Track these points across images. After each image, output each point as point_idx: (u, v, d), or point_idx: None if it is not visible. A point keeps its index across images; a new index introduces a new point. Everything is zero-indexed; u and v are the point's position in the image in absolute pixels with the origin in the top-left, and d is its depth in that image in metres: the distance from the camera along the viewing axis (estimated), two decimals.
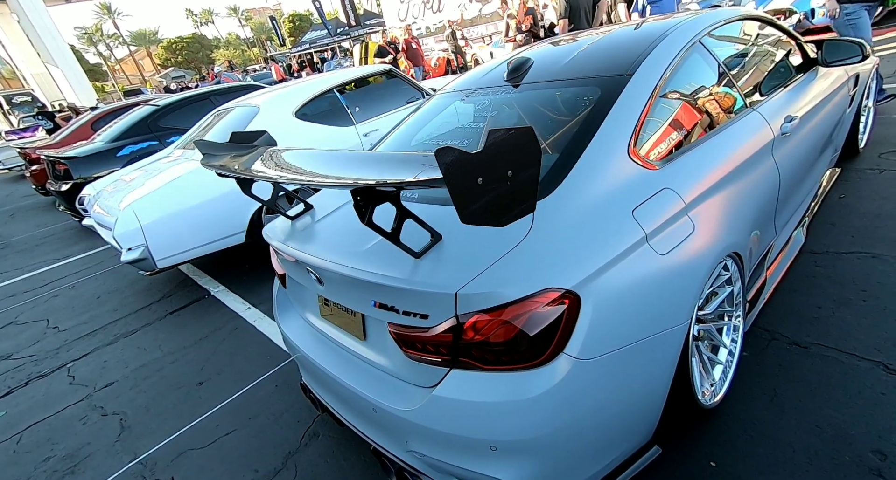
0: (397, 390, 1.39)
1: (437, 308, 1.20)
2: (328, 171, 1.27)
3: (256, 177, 1.42)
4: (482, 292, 1.14)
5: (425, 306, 1.22)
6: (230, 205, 3.40)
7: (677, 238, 1.39)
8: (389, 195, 1.22)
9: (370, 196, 1.18)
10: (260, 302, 3.29)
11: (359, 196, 1.17)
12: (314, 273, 1.52)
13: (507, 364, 1.18)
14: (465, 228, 1.36)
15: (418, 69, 11.31)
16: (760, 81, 2.16)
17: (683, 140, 1.66)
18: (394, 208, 1.23)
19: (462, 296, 1.14)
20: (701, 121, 1.78)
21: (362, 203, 1.18)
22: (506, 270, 1.17)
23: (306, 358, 1.77)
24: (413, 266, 1.28)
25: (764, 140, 1.86)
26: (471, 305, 1.15)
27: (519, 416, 1.16)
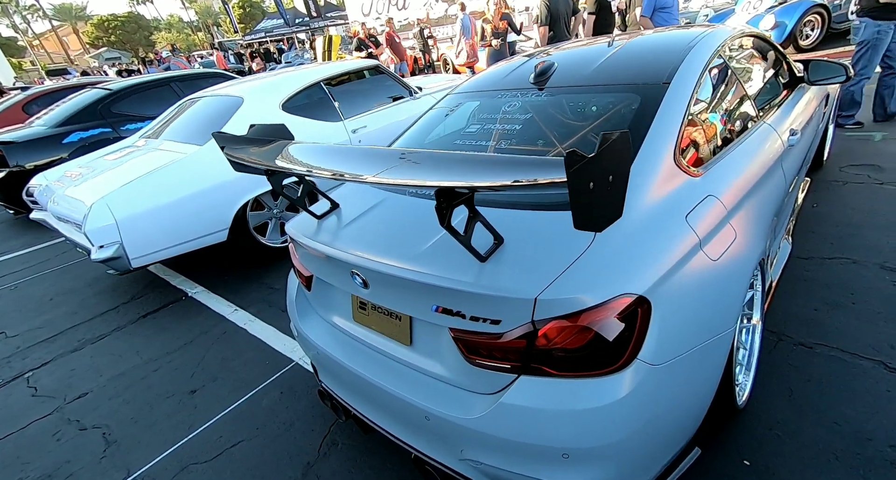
0: (454, 397, 1.35)
1: (511, 313, 1.18)
2: (399, 173, 1.21)
3: (325, 176, 1.32)
4: (562, 298, 1.13)
5: (498, 311, 1.20)
6: (214, 200, 3.19)
7: (724, 244, 1.45)
8: (466, 198, 1.18)
9: (452, 198, 1.14)
10: (248, 304, 3.11)
11: (442, 197, 1.12)
12: (360, 275, 1.45)
13: (582, 370, 1.17)
14: (522, 232, 1.36)
15: (402, 64, 11.05)
16: (766, 95, 2.30)
17: (716, 149, 1.74)
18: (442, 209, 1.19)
19: (541, 302, 1.13)
20: (728, 130, 1.86)
21: (445, 205, 1.13)
22: (580, 276, 1.16)
23: (333, 364, 1.68)
24: (478, 270, 1.25)
25: (778, 151, 1.98)
26: (549, 311, 1.14)
27: (595, 423, 1.16)
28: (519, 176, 0.97)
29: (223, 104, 3.71)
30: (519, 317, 1.17)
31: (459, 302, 1.25)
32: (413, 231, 1.51)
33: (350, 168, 1.29)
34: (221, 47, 25.58)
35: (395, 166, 1.25)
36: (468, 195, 1.18)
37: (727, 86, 1.98)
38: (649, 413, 1.21)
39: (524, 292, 1.14)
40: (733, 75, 2.03)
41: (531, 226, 1.37)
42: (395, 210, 1.68)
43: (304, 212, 1.78)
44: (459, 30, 10.07)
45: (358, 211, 1.73)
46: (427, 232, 1.46)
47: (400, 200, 1.72)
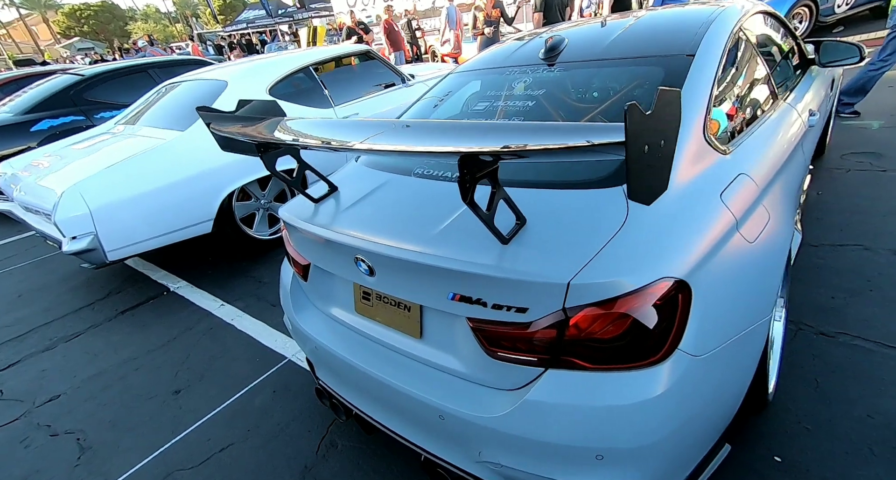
0: (472, 394, 1.23)
1: (539, 300, 1.06)
2: (413, 139, 1.07)
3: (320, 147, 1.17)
4: (597, 282, 1.01)
5: (524, 298, 1.07)
6: (197, 189, 3.00)
7: (759, 225, 1.35)
8: (490, 170, 1.05)
9: (476, 169, 1.01)
10: (235, 299, 2.93)
11: (466, 169, 0.99)
12: (365, 261, 1.31)
13: (619, 362, 1.06)
14: (545, 213, 1.24)
15: (399, 54, 10.76)
16: (782, 74, 2.21)
17: (742, 126, 1.64)
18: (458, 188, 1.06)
19: (574, 287, 1.01)
20: (754, 106, 1.77)
21: (468, 177, 1.00)
22: (615, 258, 1.05)
23: (333, 359, 1.55)
24: (500, 253, 1.13)
25: (800, 131, 1.90)
26: (582, 297, 1.02)
27: (634, 421, 1.05)
28: (559, 139, 0.85)
29: (205, 88, 3.50)
30: (548, 305, 1.05)
31: (480, 289, 1.12)
32: (423, 212, 1.38)
33: (350, 137, 1.15)
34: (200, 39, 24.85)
35: (406, 134, 1.11)
36: (493, 167, 1.05)
37: (749, 62, 1.88)
38: (690, 408, 1.10)
39: (556, 276, 1.02)
40: (754, 51, 1.93)
41: (554, 205, 1.25)
42: (402, 191, 1.55)
43: (301, 195, 1.63)
44: (445, 19, 9.90)
45: (359, 193, 1.59)
46: (439, 213, 1.33)
47: (406, 182, 1.59)
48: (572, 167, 1.39)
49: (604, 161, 1.34)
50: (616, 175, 1.27)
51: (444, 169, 1.55)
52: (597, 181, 1.28)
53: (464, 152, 0.92)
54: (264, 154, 1.44)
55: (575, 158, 0.97)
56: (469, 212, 1.28)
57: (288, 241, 1.73)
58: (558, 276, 1.02)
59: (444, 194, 1.43)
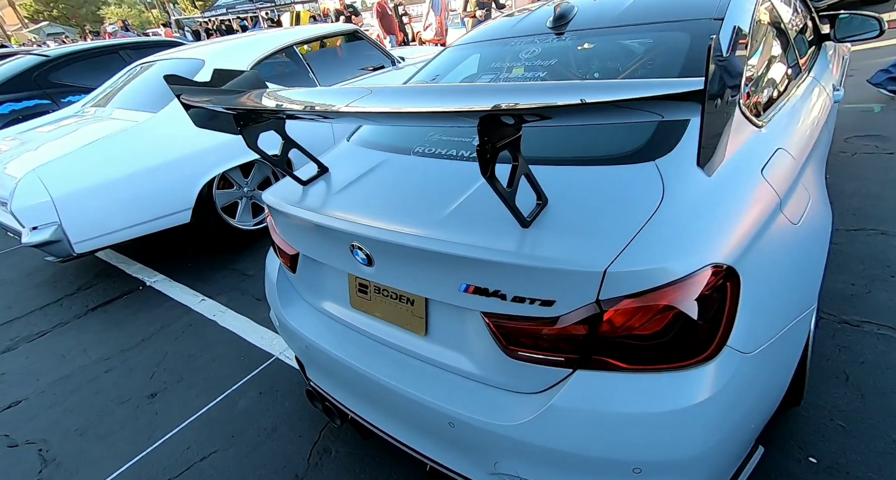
0: (487, 399, 1.09)
1: (569, 291, 0.91)
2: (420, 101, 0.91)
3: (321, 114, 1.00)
4: (638, 270, 0.87)
5: (551, 289, 0.93)
6: (173, 176, 2.77)
7: (801, 205, 1.22)
8: (512, 140, 0.89)
9: (498, 138, 0.85)
10: (217, 293, 2.74)
11: (486, 136, 0.83)
12: (362, 249, 1.15)
13: (660, 362, 0.92)
14: (567, 192, 1.09)
15: (392, 38, 10.45)
16: (803, 47, 2.08)
17: (772, 98, 1.50)
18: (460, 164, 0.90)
19: (611, 276, 0.86)
20: (782, 78, 1.63)
21: (489, 147, 0.83)
22: (654, 242, 0.90)
23: (325, 359, 1.39)
24: (520, 237, 0.98)
25: (827, 106, 1.77)
26: (620, 287, 0.88)
27: (679, 429, 0.91)
28: (622, 93, 0.69)
29: (181, 67, 3.25)
30: (579, 296, 0.91)
31: (498, 280, 0.97)
32: (428, 194, 1.22)
33: (344, 100, 0.98)
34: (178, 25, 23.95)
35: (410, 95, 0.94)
36: (516, 135, 0.89)
37: (776, 31, 1.74)
38: (738, 413, 0.97)
39: (590, 263, 0.87)
40: (779, 20, 1.80)
41: (578, 184, 1.10)
42: (401, 171, 1.38)
43: (288, 176, 1.45)
44: (429, 4, 9.65)
45: (354, 174, 1.42)
46: (446, 194, 1.17)
47: (405, 161, 1.42)
48: (596, 141, 1.24)
49: (633, 133, 1.19)
50: (648, 148, 1.12)
51: (450, 146, 1.39)
52: (625, 156, 1.13)
53: (490, 111, 0.75)
54: (244, 129, 1.26)
55: (623, 119, 0.81)
56: (481, 193, 1.13)
57: (273, 229, 1.56)
58: (592, 263, 0.87)
59: (451, 173, 1.28)
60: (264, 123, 1.30)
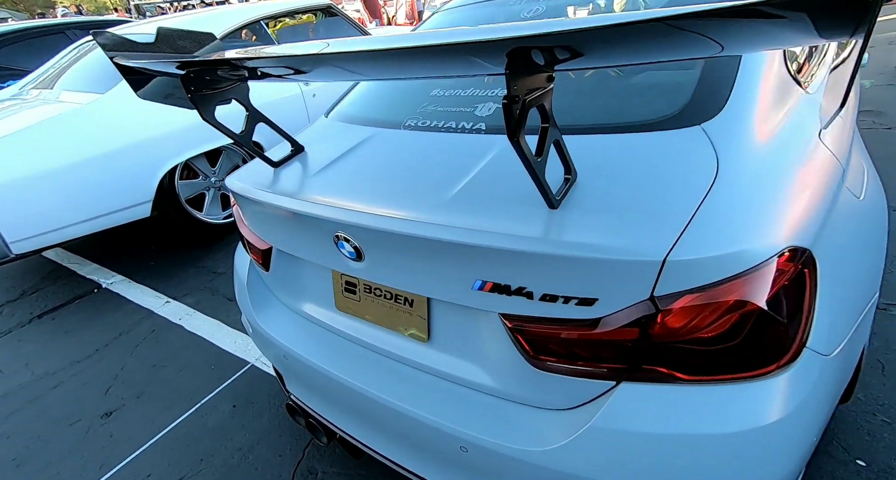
0: (505, 416, 0.90)
1: (615, 286, 0.73)
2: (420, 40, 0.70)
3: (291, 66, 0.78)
4: (706, 257, 0.69)
5: (592, 285, 0.74)
6: (128, 164, 2.48)
7: (859, 177, 1.08)
8: (543, 94, 0.69)
9: (527, 90, 0.65)
10: (184, 294, 2.48)
11: (516, 84, 0.63)
12: (350, 240, 0.94)
13: (728, 371, 0.75)
14: (597, 165, 0.90)
15: (377, 21, 10.03)
16: None
17: (808, 58, 1.33)
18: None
19: (673, 266, 0.68)
20: None
21: (519, 101, 0.63)
22: (718, 224, 0.73)
23: (308, 370, 1.18)
24: (549, 220, 0.79)
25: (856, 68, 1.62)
26: (682, 279, 0.70)
27: (756, 452, 0.74)
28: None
29: None
30: (629, 293, 0.72)
31: (523, 274, 0.78)
32: (428, 172, 1.02)
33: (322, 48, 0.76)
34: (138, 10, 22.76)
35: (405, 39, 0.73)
36: (548, 87, 0.70)
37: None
38: (817, 427, 0.81)
39: (646, 250, 0.69)
40: None
41: (609, 155, 0.92)
42: (393, 147, 1.17)
43: (257, 157, 1.22)
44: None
45: (335, 153, 1.20)
46: (451, 171, 0.97)
47: (395, 136, 1.21)
48: (627, 104, 1.05)
49: (669, 93, 1.02)
50: (690, 109, 0.94)
51: (448, 117, 1.18)
52: (663, 120, 0.94)
53: (526, 38, 0.54)
54: (197, 98, 1.02)
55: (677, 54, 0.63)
56: (493, 169, 0.93)
57: (241, 220, 1.33)
58: (649, 251, 0.69)
59: (454, 148, 1.07)
60: (223, 91, 1.07)
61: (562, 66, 0.66)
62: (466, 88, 1.28)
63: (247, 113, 1.14)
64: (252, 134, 1.17)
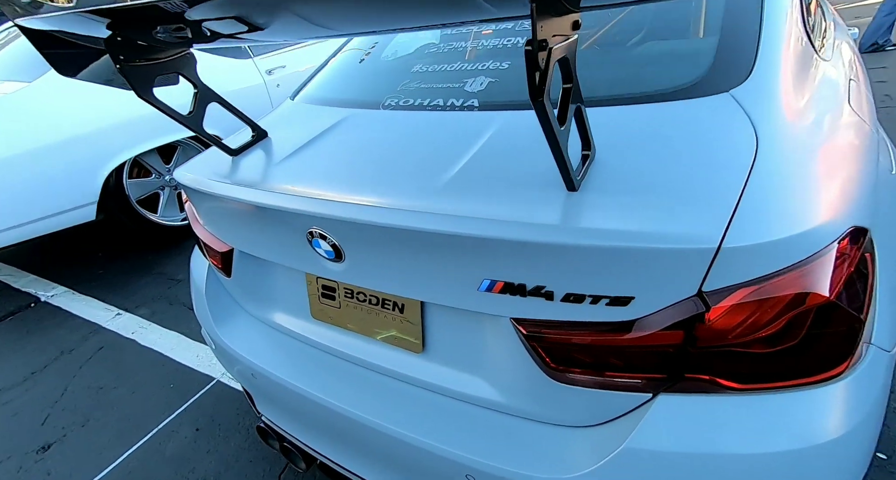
0: (518, 438, 0.78)
1: (657, 281, 0.61)
2: None
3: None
4: (765, 242, 0.57)
5: (628, 280, 0.61)
6: (66, 162, 2.21)
7: (886, 149, 1.00)
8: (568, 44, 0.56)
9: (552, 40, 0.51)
10: (138, 304, 2.23)
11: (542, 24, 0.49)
12: (327, 237, 0.78)
13: (787, 377, 0.64)
14: (615, 141, 0.78)
15: None
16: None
17: (824, 30, 1.26)
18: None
19: (728, 254, 0.56)
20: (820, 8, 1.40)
21: (547, 49, 0.50)
22: (770, 204, 0.62)
23: (280, 390, 1.02)
24: (569, 205, 0.66)
25: (853, 45, 1.58)
26: (733, 270, 0.58)
27: (824, 470, 0.63)
28: None
29: None
30: (673, 288, 0.61)
31: (541, 271, 0.65)
32: (416, 154, 0.88)
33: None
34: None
35: None
36: (572, 37, 0.57)
37: None
38: (877, 432, 0.71)
39: (695, 236, 0.57)
40: None
41: (627, 129, 0.79)
42: (371, 128, 1.02)
43: (213, 145, 1.04)
44: None
45: (304, 137, 1.04)
46: (444, 153, 0.84)
47: (375, 116, 1.06)
48: (640, 71, 0.93)
49: (687, 58, 0.91)
50: (714, 75, 0.83)
51: (435, 94, 1.04)
52: (685, 88, 0.83)
53: None
54: (127, 68, 0.83)
55: None
56: (494, 148, 0.81)
57: (195, 219, 1.15)
58: (700, 237, 0.57)
59: (445, 127, 0.93)
60: (162, 62, 0.89)
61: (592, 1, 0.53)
62: (453, 63, 1.14)
63: (195, 90, 0.95)
64: (203, 116, 0.98)
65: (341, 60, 1.43)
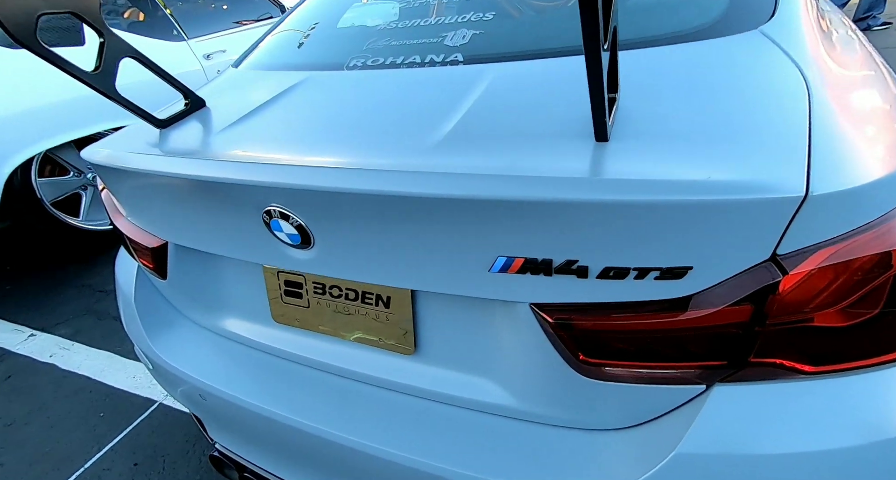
0: (540, 449, 0.65)
1: (720, 246, 0.49)
2: None
3: None
4: (853, 188, 0.47)
5: (683, 247, 0.49)
6: None
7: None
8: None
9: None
10: (57, 323, 1.91)
11: None
12: (290, 215, 0.61)
13: (876, 353, 0.53)
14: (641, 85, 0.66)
15: None
16: None
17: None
18: None
19: (817, 203, 0.45)
20: None
21: None
22: (845, 146, 0.52)
23: (237, 412, 0.84)
24: (601, 156, 0.54)
25: None
26: (816, 225, 0.48)
27: None
28: None
29: None
30: (742, 252, 0.50)
31: (572, 242, 0.52)
32: (397, 112, 0.72)
33: None
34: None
35: None
36: None
37: None
38: None
39: (776, 184, 0.46)
40: None
41: (651, 72, 0.68)
42: (337, 89, 0.86)
43: (133, 114, 0.82)
44: None
45: (253, 102, 0.85)
46: (433, 108, 0.70)
47: (340, 76, 0.89)
48: (656, 12, 0.82)
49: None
50: (738, 10, 0.74)
51: (408, 51, 0.89)
52: (710, 26, 0.73)
53: None
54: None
55: None
56: (493, 100, 0.67)
57: (114, 209, 0.93)
58: (782, 184, 0.45)
59: (426, 83, 0.79)
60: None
61: None
62: (425, 18, 0.99)
63: (101, 39, 0.74)
64: (115, 75, 0.77)
65: (293, 23, 1.24)
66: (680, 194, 0.46)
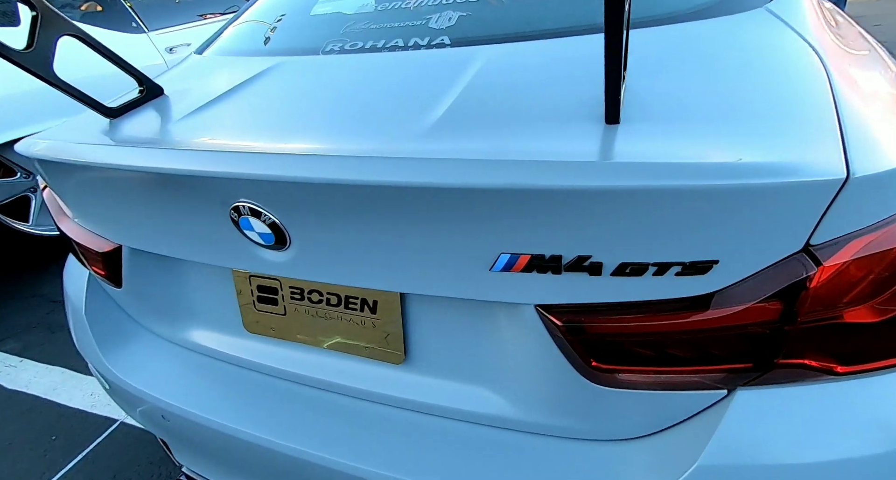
0: (546, 464, 0.58)
1: (750, 236, 0.44)
2: None
3: None
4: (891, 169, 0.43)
5: (708, 239, 0.44)
6: None
7: None
8: None
9: None
10: (2, 339, 1.75)
11: None
12: (262, 211, 0.54)
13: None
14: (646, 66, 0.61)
15: None
16: None
17: None
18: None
19: (857, 188, 0.41)
20: None
21: None
22: (874, 126, 0.49)
23: (205, 433, 0.75)
24: (613, 139, 0.49)
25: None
26: (851, 213, 0.44)
27: None
28: None
29: None
30: (771, 245, 0.45)
31: (583, 235, 0.46)
32: (382, 97, 0.66)
33: None
34: None
35: None
36: None
37: None
38: None
39: (813, 167, 0.41)
40: None
41: (657, 53, 0.63)
42: (313, 74, 0.78)
43: (79, 102, 0.72)
44: None
45: (218, 89, 0.76)
46: (421, 92, 0.64)
47: (315, 62, 0.81)
48: None
49: None
50: None
51: (389, 35, 0.82)
52: (712, 5, 0.69)
53: None
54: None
55: None
56: (487, 82, 0.62)
57: (58, 210, 0.83)
58: (819, 167, 0.41)
59: (412, 66, 0.72)
60: None
61: None
62: (406, 1, 0.92)
63: (32, 13, 0.64)
64: (53, 55, 0.67)
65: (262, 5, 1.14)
66: (707, 179, 0.41)
